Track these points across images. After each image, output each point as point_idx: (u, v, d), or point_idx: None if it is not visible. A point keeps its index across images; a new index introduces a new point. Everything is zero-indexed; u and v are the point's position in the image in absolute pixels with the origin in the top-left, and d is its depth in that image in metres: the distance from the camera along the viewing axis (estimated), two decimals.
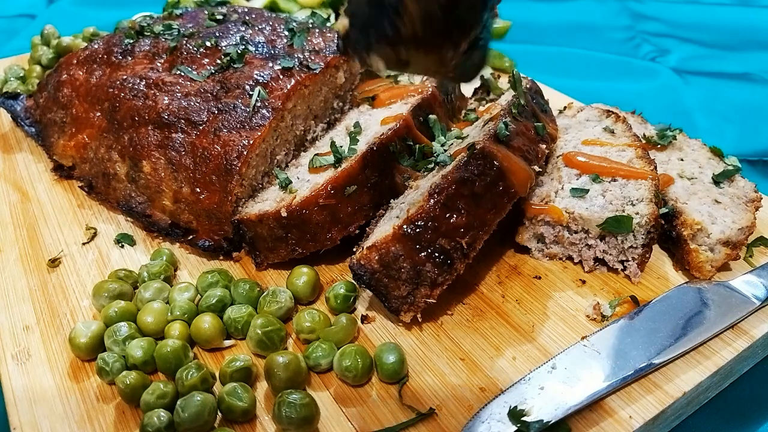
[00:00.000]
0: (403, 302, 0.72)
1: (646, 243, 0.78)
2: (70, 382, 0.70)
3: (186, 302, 0.76)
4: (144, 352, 0.69)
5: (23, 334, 0.76)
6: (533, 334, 0.74)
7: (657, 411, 0.64)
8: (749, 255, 0.82)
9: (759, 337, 0.71)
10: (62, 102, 1.03)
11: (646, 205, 0.78)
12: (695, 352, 0.70)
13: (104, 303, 0.76)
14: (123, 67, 1.01)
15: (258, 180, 0.89)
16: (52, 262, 0.86)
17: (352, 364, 0.67)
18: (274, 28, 1.05)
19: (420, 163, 0.85)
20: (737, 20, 1.78)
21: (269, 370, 0.66)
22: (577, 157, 0.86)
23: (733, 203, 0.83)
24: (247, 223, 0.82)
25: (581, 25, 1.78)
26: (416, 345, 0.73)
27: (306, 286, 0.78)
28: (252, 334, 0.71)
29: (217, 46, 1.00)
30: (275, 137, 0.91)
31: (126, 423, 0.65)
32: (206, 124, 0.88)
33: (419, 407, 0.65)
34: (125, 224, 0.94)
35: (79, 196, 1.00)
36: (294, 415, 0.61)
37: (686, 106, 1.38)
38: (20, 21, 1.83)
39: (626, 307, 0.76)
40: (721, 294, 0.74)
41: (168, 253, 0.85)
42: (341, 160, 0.84)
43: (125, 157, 0.92)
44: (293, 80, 0.92)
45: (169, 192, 0.88)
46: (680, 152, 0.94)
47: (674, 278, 0.80)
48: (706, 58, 1.58)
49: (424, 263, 0.70)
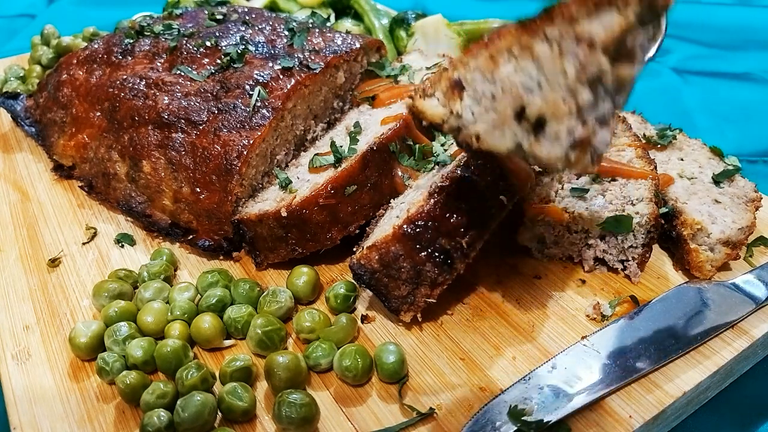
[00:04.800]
0: (403, 302, 0.72)
1: (646, 243, 0.78)
2: (70, 382, 0.70)
3: (186, 302, 0.76)
4: (144, 352, 0.69)
5: (23, 334, 0.76)
6: (533, 334, 0.74)
7: (657, 411, 0.64)
8: (749, 255, 0.82)
9: (759, 337, 0.71)
10: (62, 102, 1.03)
11: (646, 204, 0.78)
12: (695, 352, 0.70)
13: (104, 303, 0.76)
14: (123, 67, 1.01)
15: (258, 180, 0.89)
16: (52, 262, 0.86)
17: (352, 364, 0.67)
18: (274, 28, 1.05)
19: (420, 163, 0.85)
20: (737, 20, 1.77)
21: (269, 370, 0.66)
22: None
23: (733, 203, 0.83)
24: (247, 223, 0.82)
25: None
26: (416, 345, 0.73)
27: (306, 286, 0.78)
28: (252, 334, 0.71)
29: (217, 45, 1.00)
30: (275, 137, 0.91)
31: (126, 423, 0.65)
32: (206, 124, 0.88)
33: (419, 407, 0.65)
34: (125, 224, 0.94)
35: (79, 196, 1.00)
36: (294, 415, 0.61)
37: (686, 106, 1.37)
38: (20, 21, 1.83)
39: (626, 307, 0.76)
40: (721, 294, 0.74)
41: (168, 253, 0.85)
42: (341, 160, 0.84)
43: (125, 156, 0.92)
44: (293, 80, 0.92)
45: (169, 192, 0.88)
46: (680, 152, 0.94)
47: (674, 278, 0.80)
48: (706, 58, 1.58)
49: (424, 263, 0.69)
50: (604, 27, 0.52)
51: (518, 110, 0.57)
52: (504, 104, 0.58)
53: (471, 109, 0.60)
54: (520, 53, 0.56)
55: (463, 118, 0.61)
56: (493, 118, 0.59)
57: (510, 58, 0.57)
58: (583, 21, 0.53)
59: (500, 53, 0.57)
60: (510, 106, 0.57)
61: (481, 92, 0.59)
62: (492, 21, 1.36)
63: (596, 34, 0.52)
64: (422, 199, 0.72)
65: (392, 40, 1.36)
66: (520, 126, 0.57)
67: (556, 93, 0.54)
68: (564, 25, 0.53)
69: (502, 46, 0.57)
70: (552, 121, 0.55)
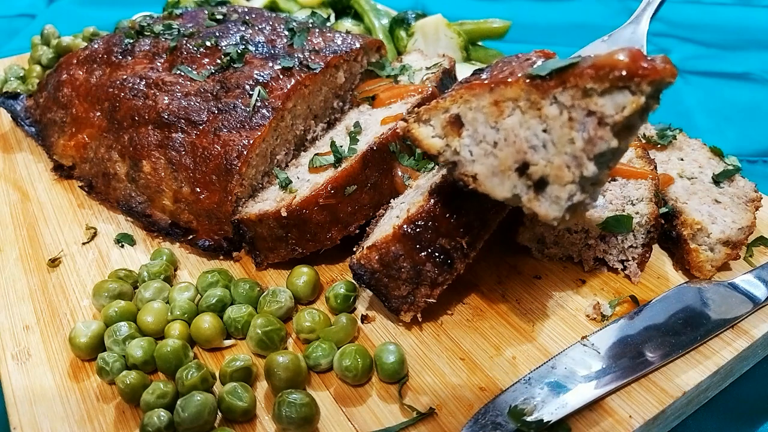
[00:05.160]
0: (403, 302, 0.72)
1: (646, 243, 0.78)
2: (70, 381, 0.70)
3: (186, 302, 0.76)
4: (144, 352, 0.69)
5: (23, 334, 0.76)
6: (533, 334, 0.74)
7: (657, 411, 0.64)
8: (749, 255, 0.82)
9: (759, 337, 0.71)
10: (62, 102, 1.03)
11: (646, 204, 0.78)
12: (695, 352, 0.70)
13: (104, 303, 0.76)
14: (123, 67, 1.01)
15: (258, 180, 0.89)
16: (52, 262, 0.86)
17: (352, 364, 0.67)
18: (274, 28, 1.05)
19: (420, 163, 0.85)
20: (737, 20, 1.78)
21: (269, 370, 0.66)
22: None
23: (733, 203, 0.83)
24: (247, 223, 0.82)
25: (581, 25, 1.78)
26: (416, 345, 0.73)
27: (306, 285, 0.78)
28: (252, 334, 0.71)
29: (217, 45, 1.00)
30: (275, 137, 0.91)
31: (126, 423, 0.65)
32: (206, 124, 0.88)
33: (419, 407, 0.65)
34: (125, 224, 0.94)
35: (79, 196, 1.00)
36: (294, 414, 0.61)
37: (686, 106, 1.38)
38: (20, 21, 1.83)
39: (626, 307, 0.76)
40: (721, 294, 0.74)
41: (168, 253, 0.85)
42: (341, 160, 0.84)
43: (125, 156, 0.92)
44: (293, 80, 0.92)
45: (169, 192, 0.88)
46: (680, 152, 0.94)
47: (674, 278, 0.80)
48: (706, 58, 1.58)
49: (424, 263, 0.69)
50: (616, 106, 0.52)
51: (521, 164, 0.57)
52: (506, 154, 0.58)
53: (470, 149, 0.60)
54: (527, 109, 0.56)
55: (460, 156, 0.61)
56: (494, 164, 0.59)
57: (515, 110, 0.57)
58: (596, 96, 0.53)
59: (506, 102, 0.57)
60: (512, 158, 0.57)
61: (482, 135, 0.59)
62: (492, 21, 1.36)
63: (608, 113, 0.52)
64: (422, 199, 0.72)
65: (392, 40, 1.36)
66: (521, 180, 0.58)
67: (561, 158, 0.55)
68: (576, 95, 0.53)
69: (509, 95, 0.57)
70: (554, 184, 0.56)
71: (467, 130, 0.60)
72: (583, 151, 0.54)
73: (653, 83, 0.52)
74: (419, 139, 0.64)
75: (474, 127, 0.60)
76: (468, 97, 0.60)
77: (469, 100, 0.60)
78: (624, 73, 0.51)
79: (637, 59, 0.51)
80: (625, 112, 0.52)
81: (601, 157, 0.54)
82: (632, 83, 0.52)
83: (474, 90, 0.59)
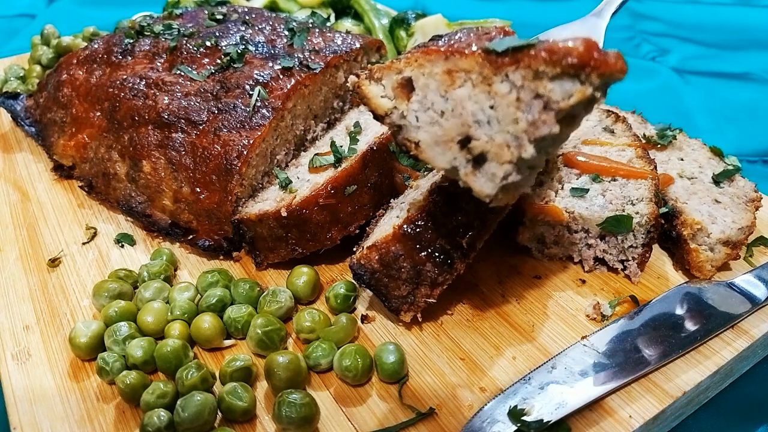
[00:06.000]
0: (403, 302, 0.72)
1: (646, 242, 0.78)
2: (70, 381, 0.70)
3: (186, 302, 0.76)
4: (144, 352, 0.69)
5: (23, 333, 0.76)
6: (533, 334, 0.74)
7: (657, 411, 0.64)
8: (749, 255, 0.82)
9: (759, 337, 0.71)
10: (62, 102, 1.03)
11: (646, 204, 0.78)
12: (695, 352, 0.70)
13: (104, 303, 0.76)
14: (123, 67, 1.01)
15: (258, 180, 0.89)
16: (52, 262, 0.86)
17: (352, 364, 0.67)
18: (274, 28, 1.05)
19: (420, 162, 0.85)
20: (737, 20, 1.78)
21: (269, 370, 0.66)
22: (577, 156, 0.86)
23: (733, 203, 0.83)
24: (247, 223, 0.82)
25: None
26: (416, 345, 0.73)
27: (306, 285, 0.78)
28: (252, 334, 0.71)
29: (217, 45, 1.00)
30: (275, 137, 0.91)
31: (126, 423, 0.65)
32: (206, 124, 0.88)
33: (419, 407, 0.65)
34: (125, 224, 0.94)
35: (79, 196, 1.00)
36: (294, 414, 0.61)
37: (686, 106, 1.38)
38: (20, 21, 1.83)
39: (626, 307, 0.76)
40: (721, 294, 0.74)
41: (168, 253, 0.85)
42: (341, 160, 0.84)
43: (125, 156, 0.92)
44: (293, 80, 0.92)
45: (169, 192, 0.88)
46: (680, 152, 0.94)
47: (674, 278, 0.80)
48: (706, 58, 1.58)
49: (424, 263, 0.69)
50: (564, 93, 0.53)
51: (463, 137, 0.58)
52: (451, 125, 0.58)
53: (417, 114, 0.60)
54: (478, 83, 0.56)
55: (406, 120, 0.61)
56: (438, 134, 0.59)
57: (467, 82, 0.57)
58: (546, 80, 0.53)
59: (459, 73, 0.57)
60: (456, 130, 0.58)
61: (430, 102, 0.59)
62: (492, 21, 1.36)
63: (554, 98, 0.53)
64: (422, 199, 0.72)
65: (392, 40, 1.36)
66: (461, 153, 0.58)
67: (503, 137, 0.55)
68: (527, 76, 0.54)
69: (463, 66, 0.57)
70: (493, 161, 0.56)
71: (417, 95, 0.60)
72: (525, 133, 0.54)
73: (602, 76, 0.52)
74: (368, 97, 0.64)
75: (424, 93, 0.59)
76: (423, 61, 0.59)
77: (423, 65, 0.59)
78: (575, 60, 0.51)
79: (590, 49, 0.52)
80: (571, 101, 0.53)
81: (541, 141, 0.55)
82: (582, 73, 0.52)
83: (430, 56, 0.59)
